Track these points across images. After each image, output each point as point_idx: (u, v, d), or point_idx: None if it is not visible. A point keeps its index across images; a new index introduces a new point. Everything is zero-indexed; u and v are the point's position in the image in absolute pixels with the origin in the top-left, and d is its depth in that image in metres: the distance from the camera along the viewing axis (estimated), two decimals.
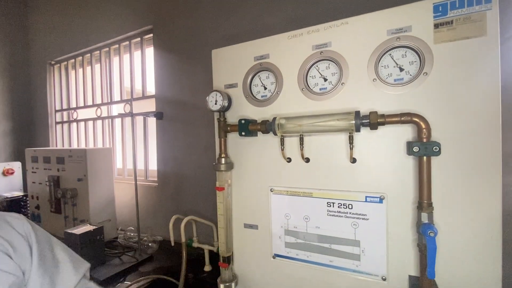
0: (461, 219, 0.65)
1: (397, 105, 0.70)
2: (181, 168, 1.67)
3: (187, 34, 1.60)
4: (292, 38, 0.83)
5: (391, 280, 0.72)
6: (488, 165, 0.62)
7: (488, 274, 0.63)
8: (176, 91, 1.66)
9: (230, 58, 0.94)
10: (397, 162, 0.70)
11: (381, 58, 0.71)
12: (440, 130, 0.65)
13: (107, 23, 2.04)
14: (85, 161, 1.69)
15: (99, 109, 2.22)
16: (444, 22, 0.65)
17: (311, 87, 0.81)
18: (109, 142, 2.22)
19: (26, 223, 0.54)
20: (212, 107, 0.88)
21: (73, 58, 2.39)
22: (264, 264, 0.90)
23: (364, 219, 0.75)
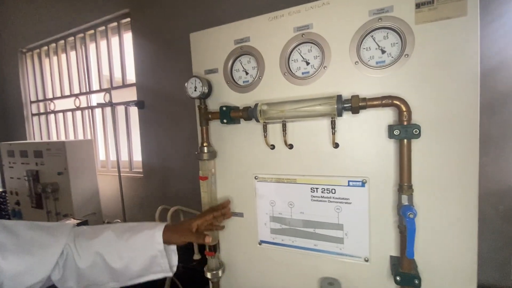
0: (440, 200, 0.66)
1: (379, 88, 0.69)
2: (166, 158, 1.63)
3: (166, 17, 1.52)
4: (272, 20, 0.79)
5: (373, 261, 0.74)
6: (466, 147, 0.63)
7: (464, 253, 0.65)
8: (157, 78, 1.60)
9: (210, 42, 0.89)
10: (378, 146, 0.71)
11: (363, 40, 0.69)
12: (421, 113, 0.65)
13: (80, 7, 1.91)
14: (64, 154, 1.63)
15: (78, 99, 2.13)
16: (426, 2, 0.63)
17: (293, 71, 0.79)
18: (90, 133, 2.14)
19: None
20: (192, 94, 0.85)
21: (46, 45, 2.25)
22: (250, 251, 0.91)
23: (347, 203, 0.76)
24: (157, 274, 0.70)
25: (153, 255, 0.67)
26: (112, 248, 0.66)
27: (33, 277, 0.56)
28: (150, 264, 0.68)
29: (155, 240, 0.68)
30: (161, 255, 0.68)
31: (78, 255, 0.64)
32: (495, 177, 0.96)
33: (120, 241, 0.67)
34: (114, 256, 0.65)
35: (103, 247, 0.65)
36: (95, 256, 0.64)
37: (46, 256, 0.59)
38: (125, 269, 0.66)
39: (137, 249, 0.67)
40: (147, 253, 0.67)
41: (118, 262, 0.65)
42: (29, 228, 0.61)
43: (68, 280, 0.64)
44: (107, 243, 0.66)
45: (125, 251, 0.66)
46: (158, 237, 0.68)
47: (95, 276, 0.65)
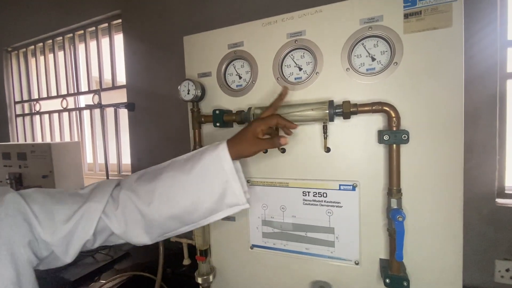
0: (427, 204, 0.68)
1: (369, 95, 0.71)
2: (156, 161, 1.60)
3: (158, 20, 1.52)
4: (266, 26, 0.81)
5: (363, 264, 0.75)
6: (451, 152, 0.65)
7: (450, 255, 0.67)
8: (149, 80, 1.58)
9: (203, 46, 0.90)
10: (369, 151, 0.72)
11: (354, 47, 0.72)
12: (409, 119, 0.67)
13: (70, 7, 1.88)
14: (50, 157, 1.58)
15: (65, 100, 2.08)
16: (414, 12, 0.66)
17: (286, 77, 0.80)
18: (78, 135, 2.09)
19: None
20: (185, 97, 0.85)
21: (32, 45, 2.19)
22: (242, 255, 0.90)
23: (338, 206, 0.77)
24: (233, 208, 0.59)
25: (225, 180, 0.57)
26: (178, 184, 0.57)
27: (81, 236, 0.52)
28: (223, 193, 0.57)
29: (223, 160, 0.57)
30: (233, 178, 0.57)
31: (139, 199, 0.56)
32: (479, 181, 0.99)
33: (183, 175, 0.57)
34: (181, 192, 0.57)
35: (168, 185, 0.57)
36: (161, 197, 0.56)
37: (87, 212, 0.53)
38: (197, 205, 0.57)
39: (205, 177, 0.57)
40: (218, 179, 0.57)
41: (187, 199, 0.57)
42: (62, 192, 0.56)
43: (135, 229, 0.57)
44: (171, 180, 0.57)
45: (192, 184, 0.57)
46: (225, 155, 0.57)
47: (165, 219, 0.57)
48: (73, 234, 0.51)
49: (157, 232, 0.59)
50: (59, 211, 0.51)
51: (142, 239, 0.58)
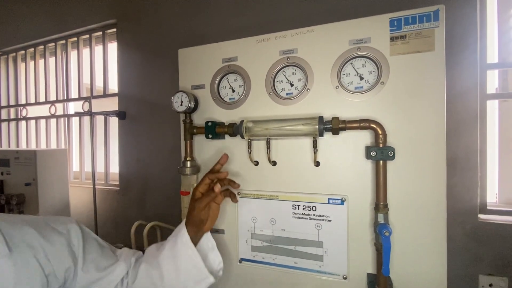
0: (413, 219, 0.70)
1: (357, 112, 0.74)
2: (145, 171, 1.59)
3: (154, 31, 1.54)
4: (260, 42, 0.83)
5: (351, 278, 0.76)
6: (435, 168, 0.68)
7: (435, 269, 0.69)
8: (141, 90, 1.58)
9: (198, 59, 0.91)
10: (357, 166, 0.74)
11: (343, 66, 0.75)
12: (395, 136, 0.70)
13: (65, 14, 1.88)
14: (34, 164, 1.53)
15: (54, 107, 2.04)
16: (399, 36, 0.70)
17: (278, 92, 0.82)
18: (65, 143, 2.04)
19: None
20: (178, 108, 0.85)
21: (23, 50, 2.16)
22: (230, 269, 0.89)
23: (327, 220, 0.78)
24: (200, 284, 0.64)
25: (187, 256, 0.63)
26: (153, 263, 0.64)
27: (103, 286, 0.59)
28: (188, 270, 0.63)
29: (181, 235, 0.64)
30: (193, 253, 0.63)
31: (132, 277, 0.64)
32: (462, 197, 1.03)
33: (157, 254, 0.66)
34: (155, 271, 0.63)
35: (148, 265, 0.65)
36: (143, 276, 0.64)
37: (116, 270, 0.61)
38: (167, 283, 0.63)
39: (170, 256, 0.64)
40: (181, 256, 0.63)
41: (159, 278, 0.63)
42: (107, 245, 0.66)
43: None
44: (149, 260, 0.65)
45: (161, 262, 0.64)
46: (183, 231, 0.64)
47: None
48: (97, 283, 0.59)
49: None
50: (101, 260, 0.60)
51: None
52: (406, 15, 0.69)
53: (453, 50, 1.02)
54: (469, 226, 1.03)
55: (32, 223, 0.53)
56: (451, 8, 0.99)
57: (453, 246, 1.00)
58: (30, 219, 0.54)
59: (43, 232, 0.52)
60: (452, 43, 1.01)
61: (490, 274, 1.01)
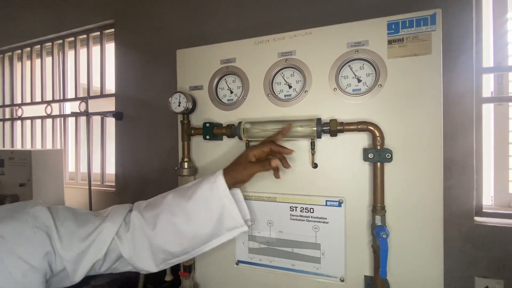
0: (409, 221, 0.70)
1: (355, 114, 0.74)
2: (142, 172, 1.57)
3: (152, 31, 1.53)
4: (258, 44, 0.83)
5: (348, 281, 0.76)
6: (432, 170, 0.68)
7: (432, 272, 0.69)
8: (139, 90, 1.58)
9: (196, 60, 0.91)
10: (354, 168, 0.74)
11: (341, 69, 0.75)
12: (392, 138, 0.70)
13: (62, 13, 1.87)
14: (29, 164, 1.52)
15: (50, 107, 2.02)
16: (396, 39, 0.71)
17: (276, 93, 0.82)
18: (60, 143, 2.02)
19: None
20: (175, 109, 0.85)
21: (19, 49, 2.14)
22: (227, 272, 0.88)
23: (324, 222, 0.78)
24: (232, 232, 0.62)
25: (221, 205, 0.60)
26: (178, 210, 0.60)
27: (92, 256, 0.54)
28: (221, 217, 0.61)
29: (218, 186, 0.61)
30: (229, 202, 0.60)
31: (149, 226, 0.59)
32: (458, 200, 1.03)
33: (183, 201, 0.61)
34: (182, 217, 0.60)
35: (170, 211, 0.60)
36: (164, 221, 0.59)
37: (102, 232, 0.56)
38: (197, 230, 0.60)
39: (203, 203, 0.61)
40: (215, 204, 0.60)
41: (187, 224, 0.60)
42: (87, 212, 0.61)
43: (141, 254, 0.59)
44: (173, 206, 0.61)
45: (191, 210, 0.60)
46: (220, 181, 0.61)
47: (169, 244, 0.60)
48: (86, 252, 0.54)
49: (161, 258, 0.61)
50: (79, 230, 0.55)
51: (147, 265, 0.61)
52: (404, 18, 0.70)
53: (450, 54, 1.03)
54: (465, 228, 1.03)
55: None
56: (448, 12, 1.00)
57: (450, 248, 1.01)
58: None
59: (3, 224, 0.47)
60: (449, 47, 1.02)
61: (485, 276, 1.02)
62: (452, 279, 1.03)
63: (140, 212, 0.62)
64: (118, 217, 0.60)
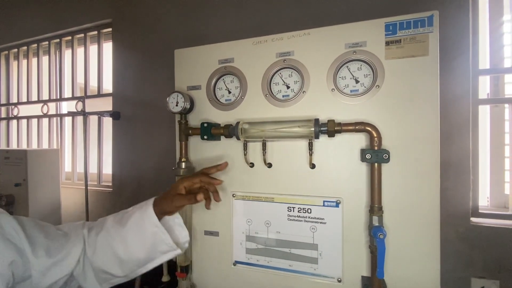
0: (406, 222, 0.70)
1: (353, 114, 0.74)
2: (139, 172, 1.57)
3: (150, 31, 1.53)
4: (257, 44, 0.83)
5: (346, 281, 0.76)
6: (429, 171, 0.69)
7: (429, 272, 0.69)
8: (136, 90, 1.57)
9: (194, 60, 0.91)
10: (352, 168, 0.74)
11: (339, 69, 0.75)
12: (390, 139, 0.71)
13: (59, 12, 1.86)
14: (25, 164, 1.50)
15: (46, 106, 2.01)
16: (394, 41, 0.71)
17: (274, 94, 0.82)
18: (57, 143, 2.01)
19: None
20: (173, 109, 0.85)
21: (16, 48, 2.13)
22: (224, 272, 0.88)
23: (321, 223, 0.78)
24: (167, 254, 0.65)
25: (153, 232, 0.63)
26: (115, 234, 0.63)
27: (60, 272, 0.57)
28: (154, 243, 0.63)
29: (148, 215, 0.63)
30: (160, 230, 0.63)
31: (90, 248, 0.62)
32: (454, 201, 1.04)
33: (120, 226, 0.64)
34: (118, 242, 0.62)
35: (108, 235, 0.63)
36: (102, 245, 0.62)
37: (71, 251, 0.59)
38: (132, 255, 0.63)
39: (136, 230, 0.63)
40: (147, 231, 0.63)
41: (123, 249, 0.62)
42: (50, 226, 0.63)
43: (87, 274, 0.63)
44: (111, 230, 0.64)
45: (126, 235, 0.63)
46: (150, 211, 0.64)
47: (108, 266, 0.63)
48: (55, 267, 0.56)
49: (103, 278, 0.64)
50: (47, 242, 0.57)
51: (92, 284, 0.63)
52: (401, 20, 0.70)
53: (447, 55, 1.03)
54: (461, 229, 1.04)
55: None
56: (445, 14, 1.01)
57: (446, 249, 1.01)
58: None
59: None
60: (446, 48, 1.03)
61: (482, 277, 1.02)
62: (448, 279, 1.03)
63: (83, 236, 0.64)
64: (79, 239, 0.62)
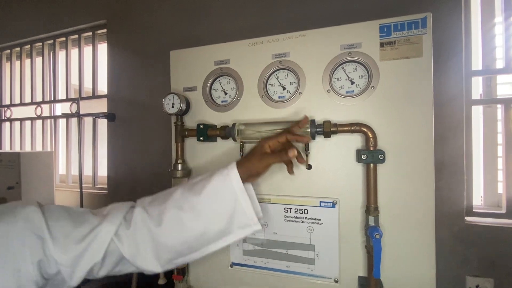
0: (402, 221, 0.71)
1: (349, 115, 0.74)
2: (135, 174, 1.55)
3: (145, 32, 1.52)
4: (252, 46, 0.83)
5: (343, 281, 0.76)
6: (424, 171, 0.69)
7: (424, 271, 0.70)
8: (132, 91, 1.56)
9: (190, 61, 0.91)
10: (348, 169, 0.75)
11: (335, 70, 0.76)
12: (385, 139, 0.71)
13: (53, 13, 1.84)
14: (18, 166, 1.48)
15: (40, 108, 1.98)
16: (388, 42, 0.72)
17: (270, 95, 0.82)
18: (51, 145, 1.98)
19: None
20: (169, 110, 0.84)
21: (8, 49, 2.10)
22: (221, 274, 0.87)
23: (318, 223, 0.78)
24: (244, 230, 0.57)
25: (234, 199, 0.56)
26: (187, 205, 0.56)
27: (90, 258, 0.50)
28: (232, 213, 0.56)
29: (232, 178, 0.56)
30: (243, 196, 0.56)
31: (151, 220, 0.55)
32: (449, 200, 1.05)
33: (193, 195, 0.56)
34: (190, 213, 0.55)
35: (177, 206, 0.56)
36: (171, 217, 0.55)
37: (100, 233, 0.51)
38: (206, 227, 0.55)
39: (214, 197, 0.56)
40: (227, 199, 0.56)
41: (196, 220, 0.55)
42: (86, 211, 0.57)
43: (145, 253, 0.54)
44: (181, 201, 0.56)
45: (201, 204, 0.55)
46: (234, 173, 0.57)
47: (175, 242, 0.55)
48: (83, 255, 0.49)
49: (166, 257, 0.56)
50: (74, 231, 0.50)
51: (151, 265, 0.56)
52: (395, 21, 0.71)
53: (440, 57, 1.05)
54: (456, 228, 1.05)
55: None
56: (438, 16, 1.02)
57: (441, 248, 1.02)
58: None
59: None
60: (439, 50, 1.04)
61: (476, 275, 1.04)
62: (444, 278, 1.04)
63: (144, 208, 0.57)
64: (117, 215, 0.55)
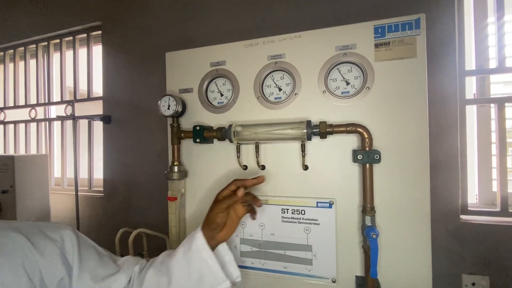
0: (398, 221, 0.71)
1: (344, 116, 0.75)
2: (131, 177, 1.54)
3: (140, 34, 1.51)
4: (248, 47, 0.84)
5: (340, 281, 0.76)
6: (419, 171, 0.70)
7: (420, 270, 0.70)
8: (127, 93, 1.55)
9: (186, 63, 0.91)
10: (344, 169, 0.75)
11: (330, 71, 0.76)
12: (380, 139, 0.72)
13: (47, 14, 1.82)
14: (12, 170, 1.46)
15: (34, 110, 1.96)
16: (383, 43, 0.72)
17: (266, 96, 0.82)
18: (46, 148, 1.96)
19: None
20: (165, 112, 0.84)
21: (1, 51, 2.07)
22: None
23: (315, 224, 0.78)
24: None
25: (200, 258, 0.59)
26: (163, 269, 0.61)
27: None
28: (201, 274, 0.58)
29: (195, 238, 0.60)
30: (208, 254, 0.59)
31: (137, 283, 0.60)
32: (444, 199, 1.06)
33: (168, 259, 0.62)
34: (164, 276, 0.59)
35: (156, 271, 0.61)
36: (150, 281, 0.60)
37: (115, 282, 0.57)
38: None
39: (182, 260, 0.60)
40: (193, 259, 0.59)
41: (167, 283, 0.59)
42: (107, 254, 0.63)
43: None
44: (158, 266, 0.62)
45: (172, 267, 0.60)
46: (198, 234, 0.61)
47: None
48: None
49: None
50: (98, 268, 0.56)
51: None
52: (390, 22, 0.72)
53: (434, 57, 1.06)
54: (451, 226, 1.06)
55: (22, 229, 0.49)
56: (432, 17, 1.03)
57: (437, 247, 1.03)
58: (21, 225, 0.50)
59: (34, 239, 0.48)
60: (433, 50, 1.05)
61: (472, 273, 1.05)
62: (440, 276, 1.05)
63: (133, 271, 0.62)
64: (128, 272, 0.60)
